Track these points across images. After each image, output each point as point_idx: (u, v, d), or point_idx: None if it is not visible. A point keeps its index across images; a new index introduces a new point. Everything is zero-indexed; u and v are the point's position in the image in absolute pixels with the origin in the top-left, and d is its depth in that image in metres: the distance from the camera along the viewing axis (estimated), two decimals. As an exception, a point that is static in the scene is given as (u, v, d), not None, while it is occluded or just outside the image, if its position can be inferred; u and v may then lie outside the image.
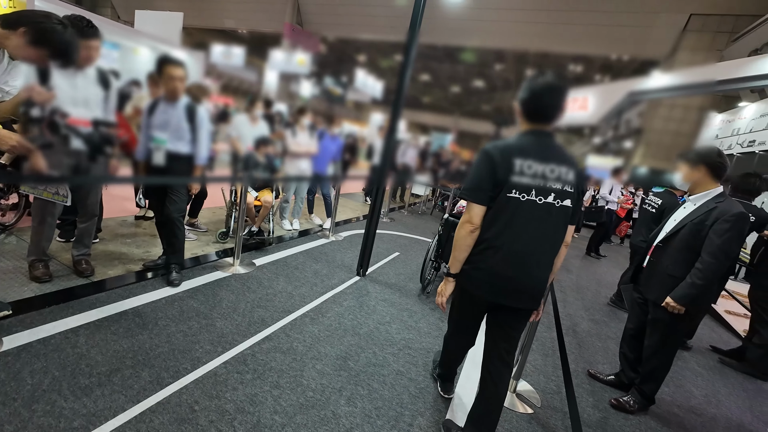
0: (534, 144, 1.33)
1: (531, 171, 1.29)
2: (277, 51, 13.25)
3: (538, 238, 1.33)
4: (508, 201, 1.30)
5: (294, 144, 4.11)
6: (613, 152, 13.15)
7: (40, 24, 1.47)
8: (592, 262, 6.06)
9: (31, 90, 1.66)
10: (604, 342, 3.03)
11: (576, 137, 14.07)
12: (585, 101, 11.74)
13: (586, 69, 16.33)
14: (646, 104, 11.87)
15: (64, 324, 1.91)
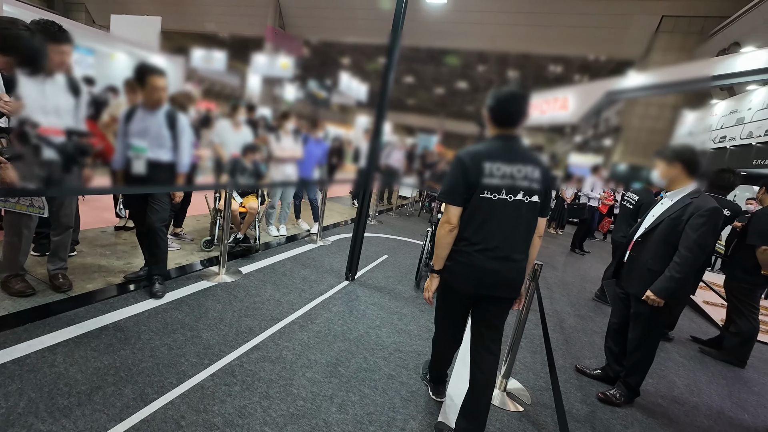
0: (502, 148, 1.46)
1: (500, 172, 1.42)
2: (259, 54, 13.12)
3: (512, 232, 1.47)
4: (482, 201, 1.43)
5: (278, 149, 4.07)
6: (593, 150, 13.52)
7: (5, 31, 1.41)
8: (577, 258, 6.20)
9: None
10: (590, 337, 3.10)
11: (557, 136, 14.37)
12: (565, 101, 12.02)
13: (565, 69, 16.75)
14: (623, 103, 12.25)
15: (41, 342, 1.83)
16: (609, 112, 13.79)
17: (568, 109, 12.03)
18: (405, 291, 3.37)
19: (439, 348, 1.86)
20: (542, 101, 12.26)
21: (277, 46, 14.94)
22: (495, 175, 1.41)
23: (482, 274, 1.47)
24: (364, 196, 3.28)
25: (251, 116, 4.36)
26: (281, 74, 12.75)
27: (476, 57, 18.04)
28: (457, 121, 20.89)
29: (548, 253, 6.10)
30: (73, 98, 2.12)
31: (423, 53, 19.40)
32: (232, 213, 3.37)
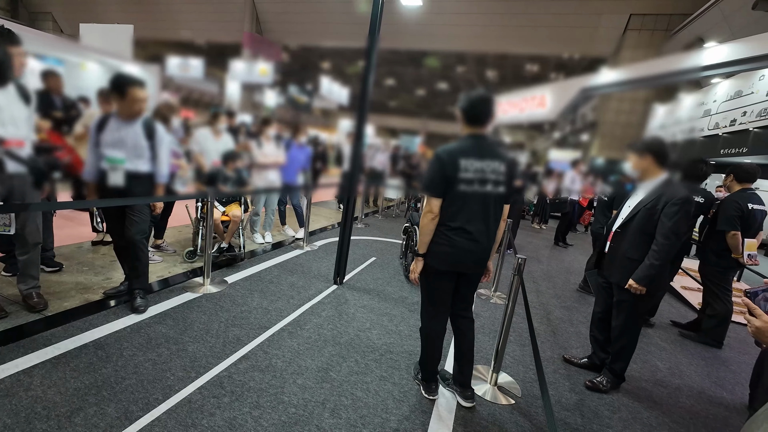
0: (473, 145, 1.69)
1: (473, 167, 1.65)
2: (237, 61, 12.94)
3: (484, 218, 1.72)
4: (458, 192, 1.66)
5: (261, 155, 4.03)
6: (572, 145, 13.90)
7: None
8: (560, 251, 6.34)
9: None
10: (576, 327, 3.17)
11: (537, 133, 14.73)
12: (543, 99, 12.31)
13: (542, 68, 17.18)
14: (598, 99, 12.66)
15: (15, 366, 1.75)
16: (585, 108, 14.19)
17: (545, 106, 12.33)
18: (394, 292, 3.37)
19: (428, 335, 1.92)
20: (521, 100, 12.53)
21: (256, 51, 14.78)
22: (469, 170, 1.63)
23: (461, 254, 1.72)
24: (349, 200, 3.28)
25: (231, 123, 4.31)
26: (261, 80, 12.61)
27: (455, 58, 18.30)
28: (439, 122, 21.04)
29: (532, 248, 6.22)
30: (26, 107, 2.04)
31: (402, 55, 19.55)
32: (214, 222, 3.31)
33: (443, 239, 1.72)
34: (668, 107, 10.39)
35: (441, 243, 1.72)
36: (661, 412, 2.14)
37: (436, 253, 1.74)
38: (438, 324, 1.90)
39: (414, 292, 3.42)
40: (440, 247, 1.73)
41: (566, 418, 1.96)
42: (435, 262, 1.76)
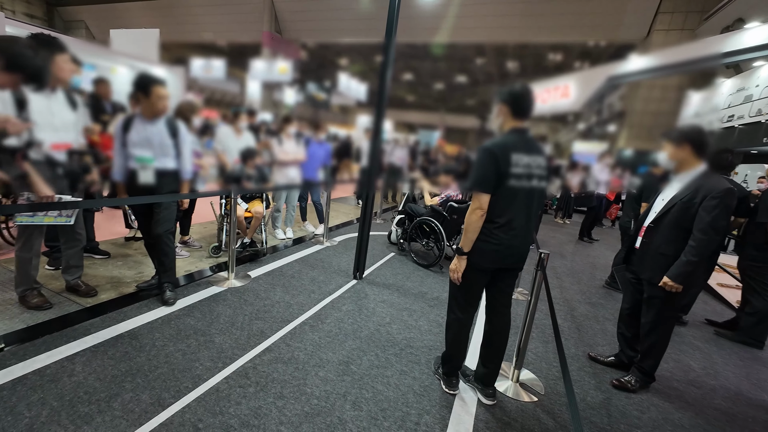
0: (520, 140, 1.66)
1: (522, 162, 1.63)
2: (257, 60, 13.19)
3: (528, 213, 1.71)
4: (507, 188, 1.63)
5: (281, 152, 4.10)
6: (598, 137, 13.35)
7: (10, 50, 1.45)
8: (585, 246, 6.14)
9: (5, 121, 1.64)
10: (602, 324, 3.07)
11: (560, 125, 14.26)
12: (567, 89, 11.89)
13: (565, 57, 16.55)
14: (626, 87, 12.08)
15: (59, 353, 1.88)
16: (612, 97, 13.63)
17: (569, 96, 11.90)
18: (413, 287, 3.37)
19: (457, 329, 1.91)
20: (543, 90, 12.15)
21: (275, 51, 15.00)
22: (518, 165, 1.62)
23: (508, 251, 1.71)
24: (368, 196, 3.29)
25: (252, 121, 4.40)
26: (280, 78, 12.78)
27: (474, 50, 17.91)
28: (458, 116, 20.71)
29: (556, 243, 6.05)
30: (73, 112, 2.16)
31: (420, 49, 19.31)
32: (237, 218, 3.41)
33: (490, 237, 1.69)
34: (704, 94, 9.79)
35: (487, 241, 1.69)
36: (694, 414, 2.05)
37: (483, 251, 1.71)
38: (468, 318, 1.90)
39: (434, 288, 3.41)
40: (486, 245, 1.70)
41: (591, 417, 1.91)
42: (481, 260, 1.73)
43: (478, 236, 1.70)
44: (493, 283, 1.85)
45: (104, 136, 2.65)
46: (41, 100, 1.97)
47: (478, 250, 1.72)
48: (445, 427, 1.71)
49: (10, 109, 1.85)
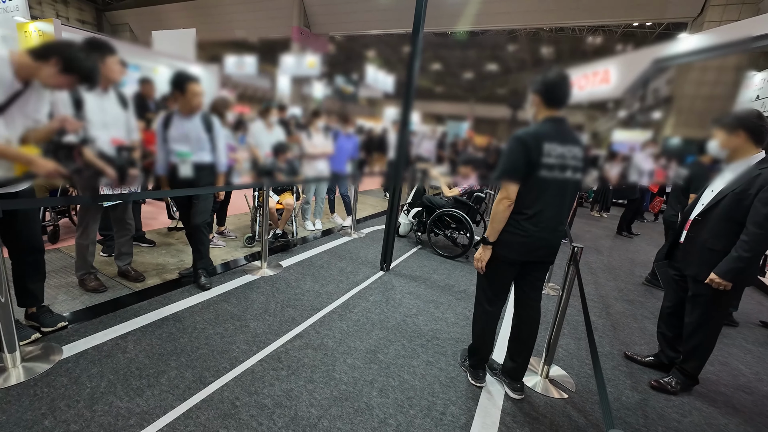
0: (554, 129, 1.59)
1: (555, 152, 1.56)
2: (287, 55, 13.43)
3: (560, 205, 1.65)
4: (538, 178, 1.57)
5: (310, 146, 4.19)
6: (641, 125, 12.48)
7: (68, 53, 1.57)
8: (624, 241, 5.82)
9: (63, 120, 1.79)
10: (641, 323, 2.92)
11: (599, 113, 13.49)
12: (606, 74, 11.18)
13: (606, 40, 15.52)
14: (674, 70, 11.16)
15: (114, 332, 2.06)
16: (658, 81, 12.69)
17: (610, 82, 11.19)
18: (440, 280, 3.36)
19: (485, 322, 1.88)
20: (580, 76, 11.51)
21: (304, 45, 15.20)
22: (551, 155, 1.55)
23: (536, 243, 1.66)
24: (395, 188, 3.30)
25: (282, 116, 4.52)
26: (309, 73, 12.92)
27: (505, 37, 17.21)
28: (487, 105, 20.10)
29: (591, 237, 5.78)
30: (124, 110, 2.33)
31: (449, 39, 18.81)
32: (269, 210, 3.54)
33: (517, 228, 1.64)
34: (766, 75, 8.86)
35: (514, 232, 1.65)
36: (743, 420, 1.92)
37: (509, 243, 1.67)
38: (495, 311, 1.87)
39: (461, 281, 3.39)
40: (513, 237, 1.65)
41: (626, 417, 1.84)
42: (506, 251, 1.69)
43: (506, 227, 1.65)
44: (522, 276, 1.81)
45: (148, 132, 2.84)
46: (95, 100, 2.14)
47: (505, 242, 1.67)
48: (471, 419, 1.71)
49: (68, 109, 2.03)
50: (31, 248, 1.89)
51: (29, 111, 1.65)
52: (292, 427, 1.54)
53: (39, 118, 1.71)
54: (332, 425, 1.58)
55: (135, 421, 1.48)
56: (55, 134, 1.80)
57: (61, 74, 1.58)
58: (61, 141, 1.86)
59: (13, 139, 1.61)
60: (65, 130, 1.82)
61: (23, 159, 1.60)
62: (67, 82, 1.61)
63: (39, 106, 1.71)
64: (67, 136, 1.87)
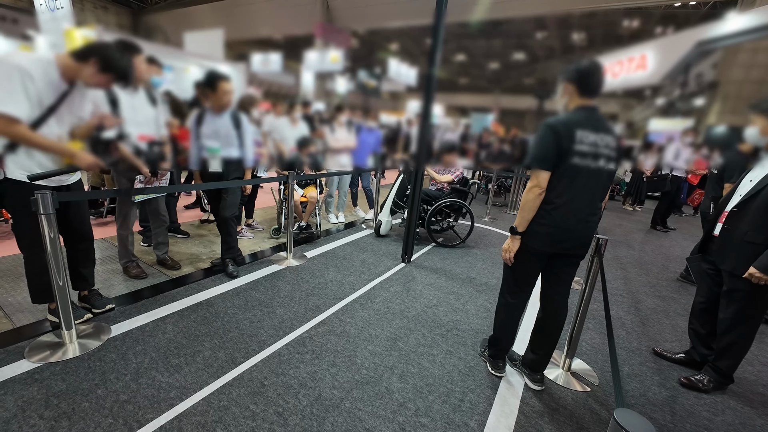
0: (587, 118, 1.56)
1: (588, 140, 1.53)
2: (310, 51, 13.61)
3: (592, 195, 1.61)
4: (569, 166, 1.54)
5: (333, 140, 4.28)
6: (681, 112, 11.73)
7: (105, 53, 1.70)
8: (658, 235, 5.54)
9: (102, 117, 1.93)
10: (672, 319, 2.80)
11: (634, 101, 12.82)
12: (643, 59, 10.55)
13: (643, 23, 14.62)
14: (720, 53, 10.38)
15: (154, 314, 2.24)
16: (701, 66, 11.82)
17: (647, 68, 10.57)
18: (461, 272, 3.37)
19: (508, 313, 1.88)
20: (614, 62, 10.95)
21: (327, 40, 15.34)
22: (584, 143, 1.52)
23: (564, 234, 1.62)
24: (416, 181, 3.32)
25: (307, 111, 4.63)
26: (332, 68, 13.08)
27: (533, 24, 16.57)
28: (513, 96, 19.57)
29: (622, 231, 5.55)
30: (153, 108, 2.48)
31: (472, 28, 18.34)
32: (294, 203, 3.66)
33: (546, 218, 1.61)
34: (828, 54, 8.07)
35: (543, 222, 1.61)
36: (782, 422, 1.83)
37: (537, 233, 1.64)
38: (521, 302, 1.85)
39: (482, 273, 3.37)
40: (542, 227, 1.62)
41: (652, 413, 1.80)
42: (534, 242, 1.65)
43: (536, 217, 1.62)
44: (550, 269, 1.77)
45: (182, 129, 3.01)
46: (126, 98, 2.29)
47: (531, 232, 1.65)
48: (490, 407, 1.74)
49: (105, 107, 2.20)
50: (82, 237, 2.07)
51: (75, 109, 1.80)
52: (316, 406, 1.63)
53: (83, 115, 1.86)
54: (354, 406, 1.65)
55: (175, 394, 1.62)
56: (95, 130, 1.94)
57: (100, 73, 1.70)
58: (100, 136, 2.00)
59: (63, 135, 1.77)
60: (104, 126, 1.96)
61: (68, 153, 1.74)
62: (105, 80, 1.73)
63: (83, 105, 1.85)
64: (105, 132, 2.01)
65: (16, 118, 1.54)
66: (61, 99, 1.73)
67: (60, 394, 1.56)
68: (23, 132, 1.58)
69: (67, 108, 1.76)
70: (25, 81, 1.55)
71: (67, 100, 1.75)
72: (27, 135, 1.60)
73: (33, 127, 1.65)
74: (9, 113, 1.52)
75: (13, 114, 1.52)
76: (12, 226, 1.95)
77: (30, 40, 1.99)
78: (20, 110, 1.54)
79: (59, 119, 1.73)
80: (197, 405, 1.57)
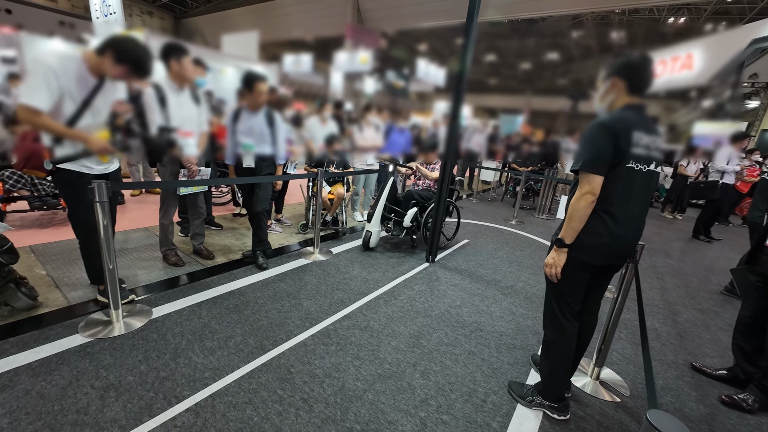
0: (638, 117, 1.44)
1: (643, 142, 1.41)
2: (340, 53, 13.83)
3: (643, 202, 1.50)
4: (625, 171, 1.41)
5: (361, 139, 4.34)
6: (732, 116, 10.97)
7: (117, 45, 1.80)
8: (700, 245, 5.21)
9: (116, 104, 2.01)
10: (714, 334, 2.64)
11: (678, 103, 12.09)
12: (690, 58, 9.94)
13: (690, 19, 13.75)
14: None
15: (191, 300, 2.37)
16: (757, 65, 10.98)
17: (693, 68, 9.96)
18: (487, 275, 3.33)
19: (567, 340, 1.63)
20: (657, 62, 10.40)
21: (357, 41, 15.52)
22: (640, 145, 1.41)
23: (617, 244, 1.49)
24: (443, 181, 3.32)
25: (337, 112, 4.72)
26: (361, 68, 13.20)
27: (569, 22, 16.00)
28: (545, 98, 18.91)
29: (660, 240, 5.26)
30: (196, 107, 2.62)
31: (505, 27, 17.95)
32: (322, 199, 3.75)
33: (601, 227, 1.45)
34: None
35: (598, 233, 1.45)
36: (838, 450, 1.68)
37: (592, 245, 1.46)
38: (575, 327, 1.63)
39: (508, 277, 3.32)
40: (597, 238, 1.45)
41: (690, 429, 1.71)
42: (588, 255, 1.48)
43: (588, 228, 1.46)
44: (593, 280, 1.61)
45: (220, 128, 3.17)
46: (172, 97, 2.44)
47: (587, 245, 1.47)
48: (513, 409, 1.72)
49: (155, 104, 2.35)
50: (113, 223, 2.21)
51: (108, 101, 1.94)
52: (340, 396, 1.68)
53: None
54: (376, 399, 1.68)
55: (209, 374, 1.72)
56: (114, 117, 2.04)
57: (116, 64, 1.81)
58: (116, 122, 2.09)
59: (98, 126, 1.91)
60: (117, 113, 2.04)
61: (82, 138, 1.87)
62: (122, 71, 1.84)
63: (114, 97, 1.97)
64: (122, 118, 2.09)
65: (38, 110, 1.71)
66: (94, 93, 1.87)
67: (108, 367, 1.70)
68: (45, 121, 1.76)
69: (103, 101, 1.91)
70: (48, 77, 1.71)
71: (101, 94, 1.89)
72: (48, 124, 1.77)
73: (71, 122, 1.82)
74: (32, 105, 1.69)
75: (36, 106, 1.70)
76: (68, 214, 2.14)
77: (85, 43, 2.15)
78: (42, 102, 1.71)
79: (95, 112, 1.89)
80: (229, 386, 1.66)
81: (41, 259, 2.73)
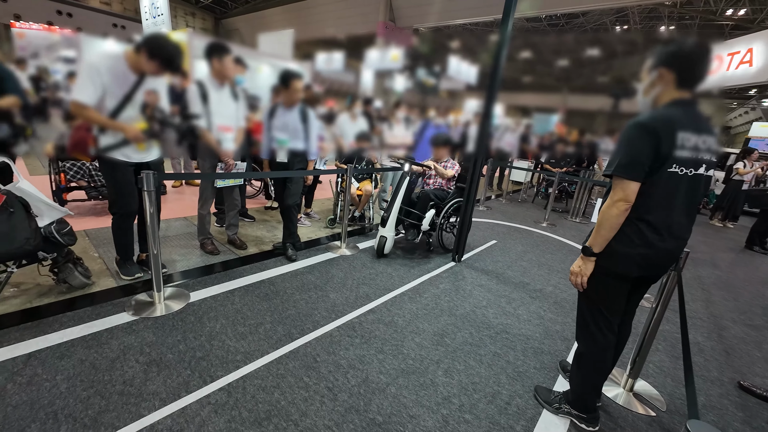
0: (686, 114, 1.28)
1: (689, 144, 1.26)
2: (372, 51, 13.91)
3: (688, 210, 1.35)
4: (666, 175, 1.28)
5: (390, 136, 4.36)
6: (796, 117, 10.02)
7: (149, 43, 1.97)
8: (755, 257, 4.80)
9: (146, 94, 2.13)
10: (766, 352, 2.43)
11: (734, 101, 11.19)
12: (749, 54, 9.16)
13: (752, 11, 12.62)
14: None
15: (225, 287, 2.50)
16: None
17: (753, 64, 9.19)
18: (514, 277, 3.25)
19: (602, 355, 1.53)
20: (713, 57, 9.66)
21: (388, 39, 15.53)
22: (685, 147, 1.26)
23: (657, 256, 1.36)
24: (471, 180, 3.27)
25: (368, 110, 4.77)
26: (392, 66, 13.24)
27: (613, 15, 15.16)
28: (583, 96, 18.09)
29: (708, 249, 4.89)
30: (235, 103, 2.73)
31: (542, 22, 17.33)
32: (351, 195, 3.81)
33: (636, 237, 1.33)
34: None
35: (635, 242, 1.34)
36: None
37: (626, 255, 1.35)
38: (612, 338, 1.52)
39: (537, 279, 3.22)
40: (631, 248, 1.34)
41: (731, 451, 1.60)
42: (621, 266, 1.38)
43: (622, 236, 1.35)
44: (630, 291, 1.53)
45: (256, 123, 3.30)
46: (213, 93, 2.56)
47: (623, 255, 1.36)
48: (539, 414, 1.68)
49: (197, 99, 2.49)
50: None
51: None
52: (364, 387, 1.71)
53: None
54: (399, 393, 1.70)
55: (240, 358, 1.81)
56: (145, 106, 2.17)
57: (149, 61, 1.98)
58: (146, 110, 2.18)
59: (138, 118, 2.09)
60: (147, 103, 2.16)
61: (118, 128, 2.05)
62: (154, 67, 2.01)
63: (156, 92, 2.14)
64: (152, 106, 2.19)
65: (85, 104, 1.94)
66: (135, 88, 2.05)
67: (151, 344, 1.83)
68: (91, 114, 1.97)
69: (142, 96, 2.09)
70: (92, 75, 1.93)
71: (141, 89, 2.07)
72: (93, 116, 1.99)
73: (114, 114, 2.02)
74: (80, 100, 1.92)
75: (83, 100, 1.93)
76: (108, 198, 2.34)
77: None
78: (88, 98, 1.94)
79: (134, 105, 2.07)
80: (259, 370, 1.74)
81: (95, 243, 2.97)
